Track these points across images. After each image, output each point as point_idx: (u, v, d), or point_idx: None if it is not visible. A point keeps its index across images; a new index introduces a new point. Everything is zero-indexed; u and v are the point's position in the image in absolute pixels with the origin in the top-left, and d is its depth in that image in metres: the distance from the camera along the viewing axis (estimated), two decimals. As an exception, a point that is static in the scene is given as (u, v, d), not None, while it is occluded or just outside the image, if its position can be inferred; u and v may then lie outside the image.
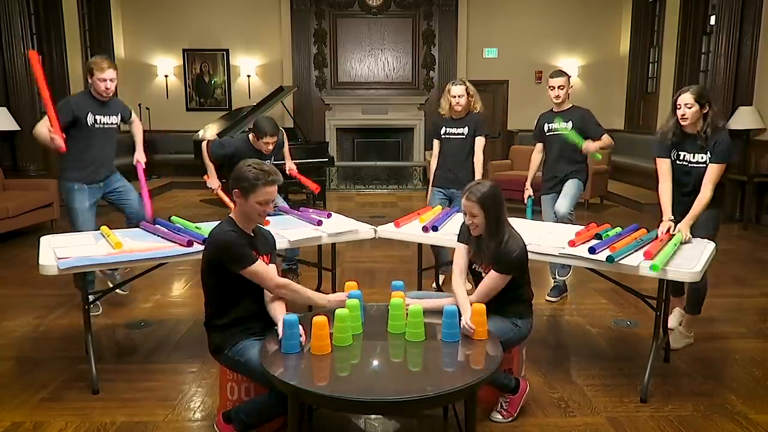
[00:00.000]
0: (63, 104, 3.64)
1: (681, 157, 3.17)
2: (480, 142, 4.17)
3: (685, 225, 3.02)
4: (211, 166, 4.22)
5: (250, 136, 4.11)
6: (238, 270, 2.29)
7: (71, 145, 3.62)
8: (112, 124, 3.80)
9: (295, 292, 2.42)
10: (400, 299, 2.38)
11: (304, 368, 2.10)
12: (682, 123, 3.08)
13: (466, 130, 4.16)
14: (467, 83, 4.14)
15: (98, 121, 3.70)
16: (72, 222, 3.73)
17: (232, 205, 2.42)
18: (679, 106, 3.07)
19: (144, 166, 3.98)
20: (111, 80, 3.62)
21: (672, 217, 3.07)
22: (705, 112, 3.05)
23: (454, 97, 4.08)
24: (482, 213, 2.48)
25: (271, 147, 4.04)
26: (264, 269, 2.34)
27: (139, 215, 3.78)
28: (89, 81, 3.65)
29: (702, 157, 3.10)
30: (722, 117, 3.13)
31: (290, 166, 4.46)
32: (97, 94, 3.66)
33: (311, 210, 3.82)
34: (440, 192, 4.29)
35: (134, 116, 4.07)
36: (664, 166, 3.21)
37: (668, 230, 3.00)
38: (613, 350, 3.40)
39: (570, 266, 4.14)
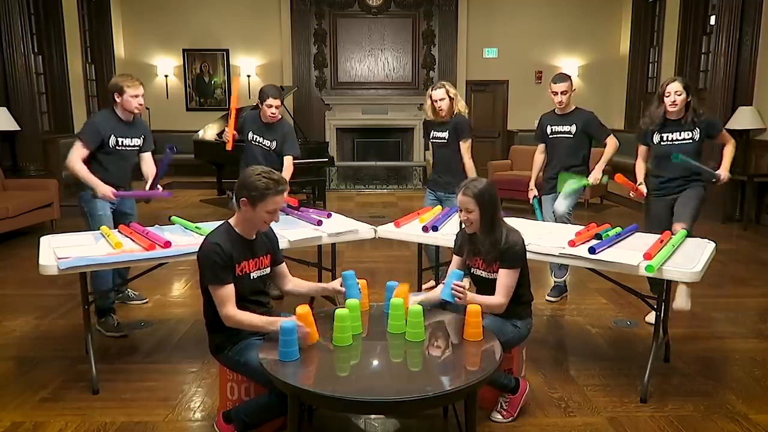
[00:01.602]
0: (90, 129, 3.51)
1: (665, 138, 3.55)
2: (465, 146, 4.07)
3: (724, 168, 3.47)
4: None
5: (260, 111, 4.08)
6: (206, 284, 2.30)
7: (91, 162, 3.53)
8: (134, 146, 3.67)
9: (241, 323, 2.30)
10: (400, 299, 2.38)
11: (304, 368, 2.10)
12: (671, 110, 3.46)
13: (447, 134, 4.08)
14: (447, 86, 4.07)
15: (120, 143, 3.58)
16: (93, 228, 3.53)
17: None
18: (668, 94, 3.44)
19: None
20: (142, 96, 3.55)
21: (642, 182, 3.69)
22: (688, 100, 3.44)
23: (436, 101, 4.04)
24: (478, 209, 2.51)
25: (274, 111, 3.97)
26: (224, 295, 2.27)
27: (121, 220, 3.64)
28: (116, 100, 3.51)
29: (688, 134, 3.48)
30: (701, 105, 3.54)
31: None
32: (123, 113, 3.55)
33: (311, 210, 3.82)
34: (431, 193, 4.30)
35: (147, 155, 3.79)
36: (643, 150, 3.79)
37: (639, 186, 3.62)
38: (613, 350, 3.41)
39: (566, 268, 4.16)
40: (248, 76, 10.40)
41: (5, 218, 5.62)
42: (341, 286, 2.54)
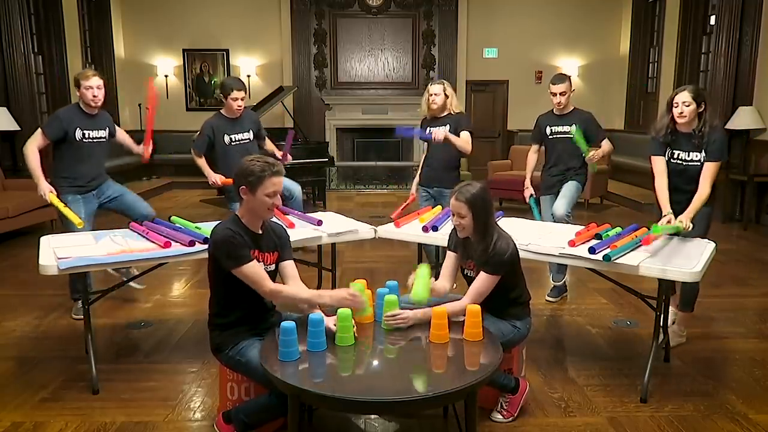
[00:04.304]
0: (53, 120, 3.63)
1: (675, 156, 3.19)
2: (465, 135, 4.06)
3: (686, 216, 3.01)
4: (204, 166, 4.17)
5: (222, 109, 4.12)
6: (230, 268, 2.28)
7: (61, 159, 3.64)
8: (101, 138, 3.77)
9: (289, 297, 2.36)
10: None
11: (304, 368, 2.10)
12: (679, 121, 3.10)
13: (447, 128, 4.08)
14: (445, 84, 4.16)
15: (86, 136, 3.68)
16: (69, 230, 3.57)
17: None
18: (676, 104, 3.09)
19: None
20: (98, 88, 3.61)
21: (670, 211, 3.08)
22: (701, 111, 3.09)
23: (432, 95, 4.09)
24: (470, 214, 2.49)
25: (240, 103, 4.00)
26: (255, 272, 2.29)
27: (146, 217, 3.74)
28: (77, 94, 3.63)
29: (696, 155, 3.13)
30: (716, 115, 3.19)
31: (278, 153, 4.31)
32: (85, 105, 3.65)
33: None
34: (425, 191, 4.27)
35: (118, 129, 3.98)
36: (660, 164, 3.22)
37: (669, 222, 3.01)
38: (613, 350, 3.41)
39: (565, 270, 4.16)
40: (248, 76, 10.39)
41: (5, 218, 5.62)
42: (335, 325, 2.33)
